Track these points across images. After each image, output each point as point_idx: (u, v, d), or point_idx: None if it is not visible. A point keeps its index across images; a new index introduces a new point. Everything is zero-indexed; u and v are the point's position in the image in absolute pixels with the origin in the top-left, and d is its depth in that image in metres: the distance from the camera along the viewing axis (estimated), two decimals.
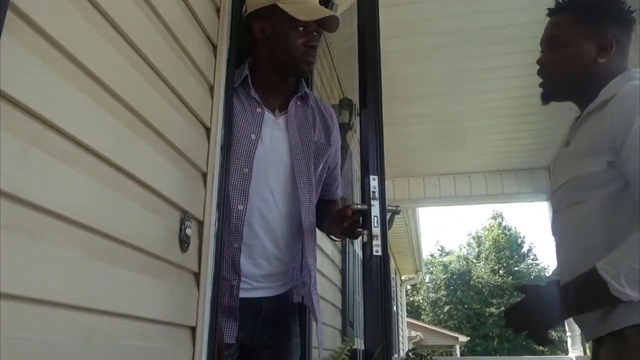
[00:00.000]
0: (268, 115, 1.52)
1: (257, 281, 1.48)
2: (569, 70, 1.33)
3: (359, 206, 1.37)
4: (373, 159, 1.42)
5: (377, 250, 1.32)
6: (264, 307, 1.49)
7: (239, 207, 1.42)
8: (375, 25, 1.55)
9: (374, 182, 1.37)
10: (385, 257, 1.33)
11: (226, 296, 1.39)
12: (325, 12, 1.52)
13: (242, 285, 1.42)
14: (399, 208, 1.42)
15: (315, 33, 1.51)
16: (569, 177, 1.26)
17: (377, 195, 1.36)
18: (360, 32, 1.57)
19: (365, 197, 1.37)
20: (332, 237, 1.52)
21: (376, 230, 1.34)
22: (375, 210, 1.35)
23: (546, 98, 1.39)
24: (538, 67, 1.39)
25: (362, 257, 1.38)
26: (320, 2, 2.45)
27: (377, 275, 1.33)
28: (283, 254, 1.51)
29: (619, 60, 1.30)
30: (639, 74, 1.24)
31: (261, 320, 1.49)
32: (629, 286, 1.04)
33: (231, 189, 1.41)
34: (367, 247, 1.34)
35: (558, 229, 1.32)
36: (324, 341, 1.60)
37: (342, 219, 1.40)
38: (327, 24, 1.52)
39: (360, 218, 1.38)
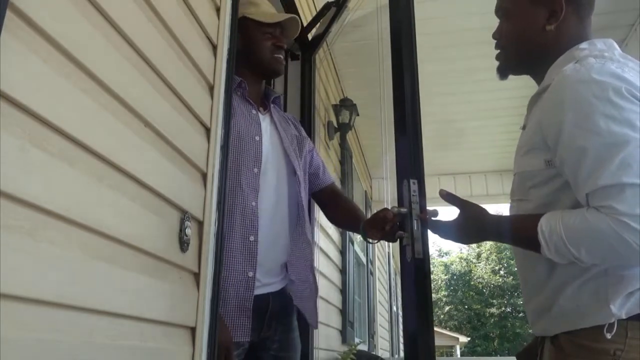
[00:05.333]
0: (259, 114, 1.69)
1: (265, 275, 1.53)
2: (516, 41, 1.24)
3: (400, 209, 1.37)
4: (413, 162, 1.40)
5: (418, 253, 1.31)
6: (271, 302, 1.54)
7: (252, 203, 1.52)
8: (411, 24, 1.54)
9: (414, 185, 1.37)
10: (427, 260, 1.32)
11: (241, 288, 1.44)
12: (286, 15, 1.74)
13: None
14: (436, 211, 1.39)
15: (280, 36, 1.72)
16: (516, 170, 1.21)
17: (417, 198, 1.36)
18: (395, 31, 1.55)
19: (405, 200, 1.36)
20: (369, 239, 1.55)
21: (417, 233, 1.33)
22: (416, 213, 1.34)
23: (501, 72, 1.32)
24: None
25: (400, 261, 1.36)
26: (333, 3, 2.81)
27: (419, 278, 1.31)
28: (287, 239, 1.62)
29: (574, 27, 1.18)
30: (585, 50, 1.12)
31: (269, 316, 1.54)
32: (557, 256, 1.03)
33: (245, 186, 1.52)
34: (407, 250, 1.33)
35: None
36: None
37: (382, 222, 1.44)
38: (288, 31, 1.77)
39: (398, 221, 1.40)
